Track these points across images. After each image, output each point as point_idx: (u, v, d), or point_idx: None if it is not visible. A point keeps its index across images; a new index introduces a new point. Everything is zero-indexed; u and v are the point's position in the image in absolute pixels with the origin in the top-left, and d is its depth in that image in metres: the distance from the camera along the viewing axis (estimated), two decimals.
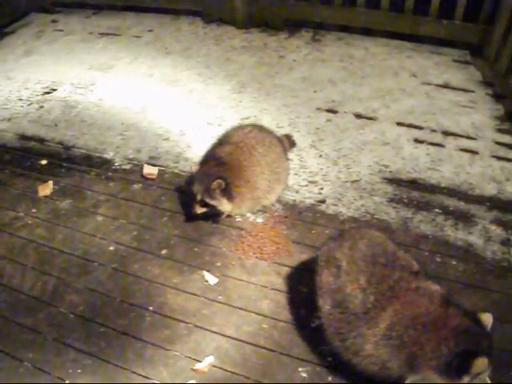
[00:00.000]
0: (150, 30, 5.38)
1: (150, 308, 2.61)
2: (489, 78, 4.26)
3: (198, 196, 2.86)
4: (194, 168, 2.99)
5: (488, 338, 1.87)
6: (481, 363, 1.74)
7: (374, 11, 4.76)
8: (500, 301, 2.56)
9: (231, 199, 2.88)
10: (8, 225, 3.16)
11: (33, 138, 3.90)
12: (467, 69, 4.42)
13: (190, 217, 3.06)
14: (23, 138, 3.90)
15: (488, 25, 4.34)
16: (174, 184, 3.37)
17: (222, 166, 2.87)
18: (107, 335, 2.50)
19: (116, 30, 5.48)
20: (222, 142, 3.03)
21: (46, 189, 3.39)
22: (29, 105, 4.30)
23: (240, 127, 3.18)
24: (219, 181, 2.79)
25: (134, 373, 2.34)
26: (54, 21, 5.84)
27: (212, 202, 2.86)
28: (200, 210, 2.92)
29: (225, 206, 2.89)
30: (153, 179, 3.41)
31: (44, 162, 3.66)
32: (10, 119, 4.14)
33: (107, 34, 5.39)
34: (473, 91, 4.13)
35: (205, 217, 3.00)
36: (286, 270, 2.77)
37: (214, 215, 3.00)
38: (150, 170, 3.44)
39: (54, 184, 3.43)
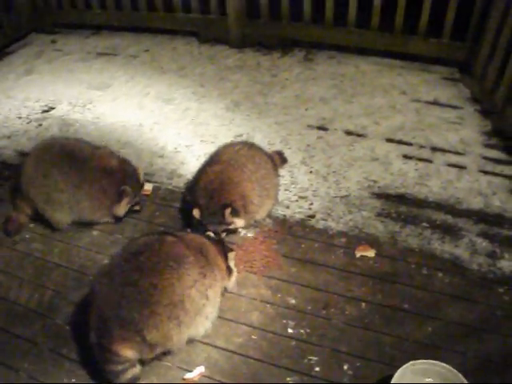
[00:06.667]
0: (147, 50, 5.48)
1: None
2: (477, 94, 4.35)
3: (214, 228, 2.91)
4: (187, 198, 3.08)
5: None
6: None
7: (364, 30, 4.85)
8: (485, 312, 2.62)
9: (239, 215, 2.97)
10: (6, 239, 3.23)
11: None
12: (456, 86, 4.52)
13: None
14: (22, 154, 3.96)
15: (475, 43, 4.44)
16: (167, 200, 3.45)
17: (218, 191, 2.93)
18: None
19: (113, 49, 5.58)
20: (213, 159, 3.11)
21: None
22: (28, 123, 4.39)
23: (230, 145, 3.25)
24: (228, 210, 2.88)
25: None
26: (53, 41, 5.93)
27: (231, 227, 2.99)
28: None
29: (239, 222, 3.01)
30: (147, 195, 3.49)
31: None
32: (9, 137, 4.22)
33: (105, 54, 5.50)
34: (461, 108, 4.22)
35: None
36: (275, 283, 2.83)
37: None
38: (145, 187, 3.51)
39: None
